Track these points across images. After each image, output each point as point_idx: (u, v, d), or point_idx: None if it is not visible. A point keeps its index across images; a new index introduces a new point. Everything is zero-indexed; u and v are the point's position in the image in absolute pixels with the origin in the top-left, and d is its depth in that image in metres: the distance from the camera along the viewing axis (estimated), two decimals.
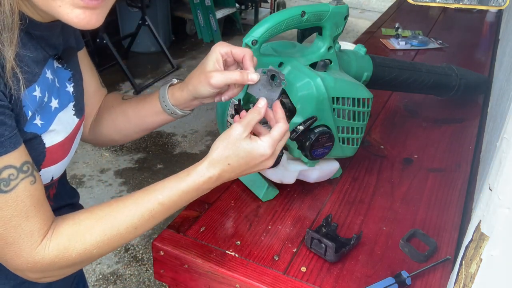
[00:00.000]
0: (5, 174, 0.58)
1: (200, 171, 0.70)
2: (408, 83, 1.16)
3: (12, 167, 0.58)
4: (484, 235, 0.53)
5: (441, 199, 1.00)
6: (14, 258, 0.62)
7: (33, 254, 0.62)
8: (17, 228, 0.60)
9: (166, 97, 0.83)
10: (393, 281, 0.77)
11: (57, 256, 0.63)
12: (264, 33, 0.83)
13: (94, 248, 0.66)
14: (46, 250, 0.63)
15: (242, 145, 0.70)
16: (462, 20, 2.26)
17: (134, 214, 0.68)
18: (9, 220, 0.59)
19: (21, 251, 0.61)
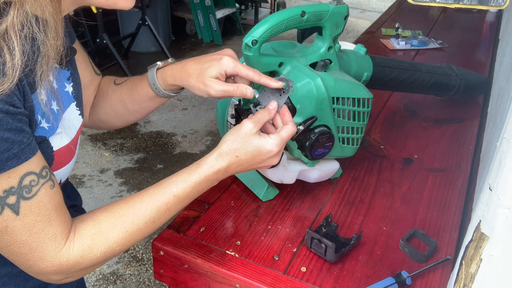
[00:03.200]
0: (26, 181, 0.58)
1: (210, 162, 0.73)
2: (408, 83, 1.16)
3: (32, 173, 0.59)
4: (484, 235, 0.53)
5: (441, 199, 1.00)
6: (38, 263, 0.62)
7: (58, 257, 0.63)
8: (41, 233, 0.61)
9: (157, 84, 0.84)
10: (393, 281, 0.77)
11: (82, 256, 0.64)
12: (264, 33, 0.83)
13: (117, 245, 0.67)
14: (70, 252, 0.63)
15: (251, 140, 0.73)
16: (462, 20, 2.26)
17: (151, 208, 0.70)
18: (32, 226, 0.60)
19: (45, 255, 0.62)
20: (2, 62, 0.55)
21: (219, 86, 0.77)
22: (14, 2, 0.56)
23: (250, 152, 0.73)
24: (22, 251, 0.61)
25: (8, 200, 0.57)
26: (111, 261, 2.16)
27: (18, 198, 0.58)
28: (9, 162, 0.56)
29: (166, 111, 3.48)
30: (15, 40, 0.56)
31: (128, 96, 0.89)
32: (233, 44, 4.82)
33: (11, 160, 0.56)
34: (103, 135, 3.12)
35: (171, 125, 3.31)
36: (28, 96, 0.60)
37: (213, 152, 0.73)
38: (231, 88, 0.77)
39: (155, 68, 0.84)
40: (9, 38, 0.56)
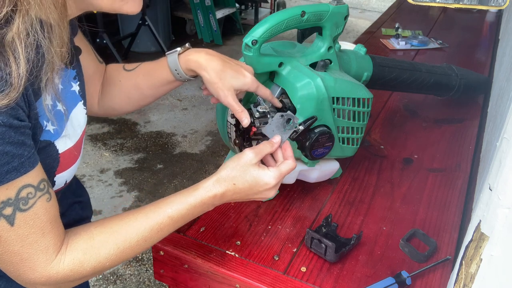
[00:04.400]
0: (24, 193, 0.59)
1: (207, 187, 0.73)
2: (408, 83, 1.16)
3: (30, 186, 0.60)
4: (484, 235, 0.53)
5: (441, 199, 1.00)
6: (28, 273, 0.63)
7: (48, 269, 0.63)
8: (33, 244, 0.61)
9: (179, 69, 0.85)
10: (393, 281, 0.77)
11: (71, 270, 0.65)
12: (264, 33, 0.83)
13: (107, 261, 0.67)
14: (61, 264, 0.64)
15: (250, 170, 0.75)
16: (462, 20, 2.26)
17: (145, 227, 0.70)
18: (26, 237, 0.60)
19: (35, 266, 0.62)
20: (8, 72, 0.55)
21: (231, 99, 0.81)
22: (20, 9, 0.55)
23: (247, 181, 0.74)
24: (13, 260, 0.61)
25: (4, 211, 0.58)
26: None
27: (14, 210, 0.58)
28: (9, 175, 0.57)
29: (166, 111, 3.48)
30: (19, 48, 0.56)
31: (144, 82, 0.90)
32: (233, 44, 4.82)
33: (10, 173, 0.57)
34: (103, 135, 3.12)
35: (171, 125, 3.31)
36: (33, 104, 0.60)
37: (212, 176, 0.74)
38: (238, 108, 0.81)
39: (177, 54, 0.85)
40: (14, 47, 0.56)
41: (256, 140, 0.86)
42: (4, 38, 0.55)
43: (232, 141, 0.94)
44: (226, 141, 0.99)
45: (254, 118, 0.84)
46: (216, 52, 0.85)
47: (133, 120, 3.33)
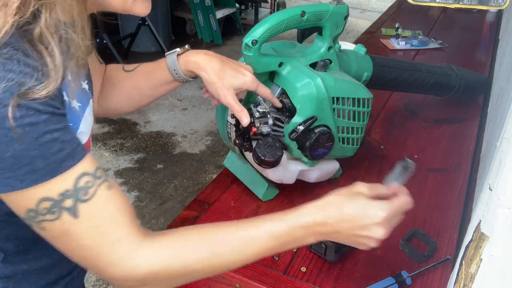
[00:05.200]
0: (82, 183, 0.56)
1: (310, 210, 0.66)
2: (408, 83, 1.16)
3: (88, 174, 0.57)
4: (484, 235, 0.53)
5: (441, 199, 1.00)
6: (107, 267, 0.60)
7: (129, 261, 0.60)
8: (105, 235, 0.58)
9: (178, 69, 0.85)
10: (393, 281, 0.78)
11: (158, 265, 0.61)
12: (264, 33, 0.83)
13: (198, 264, 0.63)
14: (146, 257, 0.60)
15: (359, 198, 0.68)
16: (462, 20, 2.26)
17: (239, 238, 0.65)
18: (95, 229, 0.58)
19: (113, 259, 0.59)
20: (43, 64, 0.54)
21: (231, 98, 0.81)
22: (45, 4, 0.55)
23: (354, 208, 0.66)
24: (88, 255, 0.59)
25: (64, 204, 0.55)
26: None
27: (75, 201, 0.56)
28: (64, 163, 0.55)
29: (166, 111, 3.48)
30: (52, 41, 0.55)
31: (143, 82, 0.91)
32: (233, 44, 4.82)
33: (65, 161, 0.55)
34: (103, 135, 3.12)
35: (171, 125, 3.31)
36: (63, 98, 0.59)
37: (316, 201, 0.67)
38: (238, 108, 0.81)
39: (176, 54, 0.86)
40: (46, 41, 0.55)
41: (256, 140, 0.86)
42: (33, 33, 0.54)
43: (232, 141, 0.94)
44: (226, 141, 0.99)
45: (254, 118, 0.84)
46: (215, 53, 0.85)
47: (133, 120, 3.32)
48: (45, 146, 0.53)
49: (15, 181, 0.53)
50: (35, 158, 0.53)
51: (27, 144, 0.52)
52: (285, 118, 0.89)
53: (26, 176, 0.53)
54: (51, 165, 0.54)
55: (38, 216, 0.56)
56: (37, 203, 0.55)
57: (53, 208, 0.56)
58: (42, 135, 0.53)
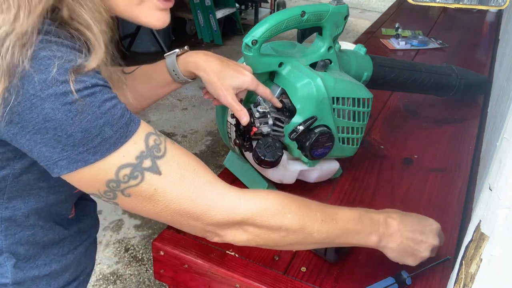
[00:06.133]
0: (151, 142, 0.57)
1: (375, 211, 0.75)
2: (408, 83, 1.16)
3: (152, 134, 0.58)
4: (484, 235, 0.53)
5: (441, 199, 1.00)
6: (206, 212, 0.61)
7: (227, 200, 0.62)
8: (193, 182, 0.59)
9: (177, 70, 0.86)
10: (393, 281, 0.78)
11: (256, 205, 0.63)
12: (264, 33, 0.83)
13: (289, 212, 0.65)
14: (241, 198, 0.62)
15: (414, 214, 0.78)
16: (462, 20, 2.26)
17: (322, 208, 0.70)
18: (181, 179, 0.59)
19: (210, 201, 0.60)
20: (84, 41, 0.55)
21: (230, 98, 0.82)
22: None
23: (412, 216, 0.76)
24: (184, 206, 0.60)
25: (144, 165, 0.56)
26: (111, 261, 2.16)
27: (153, 159, 0.57)
28: (130, 126, 0.56)
29: (166, 111, 3.48)
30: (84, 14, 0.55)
31: (143, 84, 0.90)
32: (233, 44, 4.82)
33: (130, 125, 0.56)
34: None
35: (171, 125, 3.31)
36: None
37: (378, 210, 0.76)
38: (237, 107, 0.82)
39: (175, 55, 0.86)
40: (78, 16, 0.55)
41: (256, 140, 0.86)
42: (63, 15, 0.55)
43: (232, 141, 0.94)
44: (226, 141, 0.99)
45: (254, 118, 0.84)
46: (214, 54, 0.85)
47: None
48: (108, 113, 0.54)
49: (87, 155, 0.53)
50: (103, 127, 0.53)
51: (91, 114, 0.52)
52: (285, 118, 0.89)
53: (98, 148, 0.53)
54: (119, 131, 0.54)
55: (121, 185, 0.56)
56: (116, 171, 0.55)
57: (134, 172, 0.56)
58: (103, 103, 0.53)
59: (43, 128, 0.51)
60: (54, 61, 0.51)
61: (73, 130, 0.52)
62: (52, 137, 0.52)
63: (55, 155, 0.53)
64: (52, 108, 0.50)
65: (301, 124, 0.85)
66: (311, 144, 0.87)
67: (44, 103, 0.50)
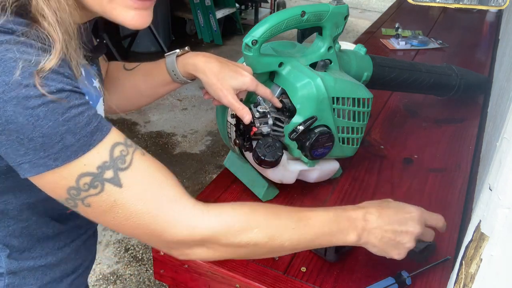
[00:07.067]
0: (117, 152, 0.56)
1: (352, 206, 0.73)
2: (408, 83, 1.16)
3: (120, 144, 0.57)
4: (484, 235, 0.53)
5: (441, 199, 1.00)
6: (167, 230, 0.59)
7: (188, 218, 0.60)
8: (155, 197, 0.58)
9: (176, 70, 0.86)
10: (393, 281, 0.77)
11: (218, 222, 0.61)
12: (264, 33, 0.83)
13: (256, 227, 0.63)
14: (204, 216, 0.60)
15: (392, 201, 0.76)
16: (462, 20, 2.26)
17: (293, 214, 0.67)
18: (143, 193, 0.57)
19: (172, 219, 0.59)
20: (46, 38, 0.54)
21: (231, 98, 0.82)
22: None
23: (393, 206, 0.73)
24: (144, 221, 0.58)
25: (105, 176, 0.55)
26: (111, 261, 2.16)
27: (115, 171, 0.56)
28: (95, 136, 0.55)
29: (166, 111, 3.48)
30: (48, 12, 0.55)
31: (142, 82, 0.90)
32: (233, 44, 4.82)
33: (95, 134, 0.55)
34: None
35: (171, 125, 3.31)
36: None
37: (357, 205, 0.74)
38: (239, 106, 0.82)
39: (175, 55, 0.86)
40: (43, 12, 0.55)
41: (256, 140, 0.86)
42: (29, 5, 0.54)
43: (232, 141, 0.94)
44: (226, 141, 0.99)
45: (254, 118, 0.84)
46: (214, 55, 0.85)
47: (133, 120, 3.33)
48: (72, 121, 0.53)
49: (48, 160, 0.53)
50: (64, 134, 0.53)
51: (53, 121, 0.52)
52: (285, 118, 0.89)
53: (59, 154, 0.53)
54: (82, 140, 0.54)
55: (81, 193, 0.56)
56: (77, 179, 0.55)
57: (94, 181, 0.55)
58: (67, 110, 0.53)
59: (7, 130, 0.51)
60: (19, 63, 0.50)
61: (35, 134, 0.51)
62: (15, 139, 0.52)
63: (19, 157, 0.53)
64: (14, 111, 0.50)
65: (301, 124, 0.85)
66: (311, 144, 0.87)
67: (6, 105, 0.50)
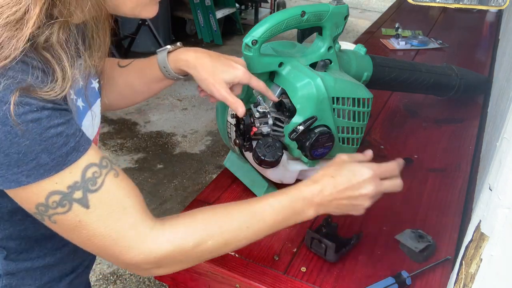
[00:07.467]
0: (89, 174, 0.57)
1: (306, 183, 0.72)
2: (408, 83, 1.16)
3: (93, 165, 0.58)
4: (484, 235, 0.53)
5: (441, 199, 1.00)
6: (124, 253, 0.61)
7: (145, 245, 0.61)
8: (118, 222, 0.59)
9: (168, 67, 0.85)
10: (393, 281, 0.78)
11: (172, 245, 0.62)
12: (264, 33, 0.83)
13: (210, 239, 0.65)
14: (159, 239, 0.62)
15: (346, 164, 0.74)
16: (462, 20, 2.26)
17: (246, 212, 0.68)
18: (107, 216, 0.59)
19: (129, 244, 0.60)
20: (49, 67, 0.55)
21: (224, 92, 0.81)
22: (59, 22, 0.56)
23: (345, 174, 0.72)
24: (104, 243, 0.60)
25: (74, 196, 0.56)
26: None
27: (84, 192, 0.57)
28: (70, 156, 0.56)
29: (166, 111, 3.48)
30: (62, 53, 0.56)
31: (136, 78, 0.90)
32: (233, 44, 4.82)
33: (70, 154, 0.56)
34: (103, 135, 3.12)
35: (171, 125, 3.31)
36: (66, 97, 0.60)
37: (309, 177, 0.74)
38: (232, 100, 0.81)
39: (166, 52, 0.85)
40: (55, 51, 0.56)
41: (256, 140, 0.86)
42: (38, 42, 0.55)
43: (232, 141, 0.94)
44: (226, 141, 0.99)
45: (254, 118, 0.84)
46: (206, 50, 0.85)
47: (133, 120, 3.33)
48: (49, 141, 0.54)
49: (21, 176, 0.54)
50: (40, 153, 0.53)
51: (31, 140, 0.53)
52: (285, 118, 0.89)
53: (32, 171, 0.54)
54: (57, 159, 0.55)
55: (49, 210, 0.57)
56: (46, 197, 0.56)
57: (63, 200, 0.56)
58: (45, 131, 0.54)
59: None
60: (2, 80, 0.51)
61: (11, 151, 0.52)
62: None
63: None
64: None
65: (301, 124, 0.85)
66: (311, 144, 0.87)
67: None
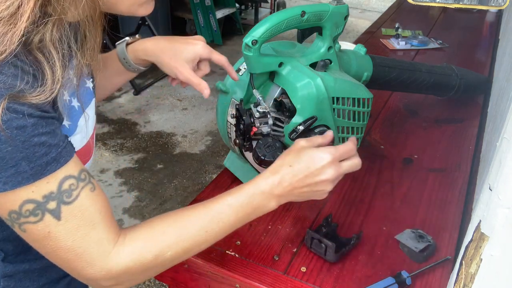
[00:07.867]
0: (66, 186, 0.57)
1: (264, 175, 0.71)
2: (408, 83, 1.16)
3: (71, 177, 0.58)
4: (484, 235, 0.53)
5: (441, 199, 1.00)
6: (86, 269, 0.61)
7: (107, 262, 0.61)
8: (85, 237, 0.59)
9: (127, 58, 0.86)
10: (393, 281, 0.78)
11: (132, 260, 0.63)
12: (264, 33, 0.83)
13: (169, 249, 0.65)
14: (120, 256, 0.62)
15: (304, 150, 0.72)
16: (462, 20, 2.26)
17: (204, 216, 0.68)
18: (76, 230, 0.59)
19: (92, 260, 0.60)
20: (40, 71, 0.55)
21: (187, 73, 0.81)
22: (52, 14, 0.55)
23: (303, 161, 0.70)
24: (68, 257, 0.60)
25: (48, 206, 0.56)
26: None
27: (58, 203, 0.57)
28: (49, 166, 0.55)
29: (166, 111, 3.48)
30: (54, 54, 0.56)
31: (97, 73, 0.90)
32: (233, 44, 4.82)
33: (50, 165, 0.55)
34: (103, 135, 3.12)
35: (171, 125, 3.31)
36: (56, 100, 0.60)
37: (268, 168, 0.72)
38: (196, 81, 0.81)
39: (125, 43, 0.87)
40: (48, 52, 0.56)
41: (256, 140, 0.86)
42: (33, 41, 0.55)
43: (232, 141, 0.94)
44: (226, 141, 0.99)
45: (254, 118, 0.84)
46: (163, 36, 0.86)
47: (133, 120, 3.33)
48: (30, 150, 0.54)
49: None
50: (20, 161, 0.53)
51: (13, 147, 0.52)
52: (285, 118, 0.89)
53: (10, 178, 0.54)
54: (36, 168, 0.54)
55: (21, 218, 0.57)
56: (20, 205, 0.56)
57: (36, 210, 0.56)
58: (29, 139, 0.53)
59: None
60: None
61: None
62: None
63: None
64: None
65: (301, 124, 0.85)
66: None
67: None
